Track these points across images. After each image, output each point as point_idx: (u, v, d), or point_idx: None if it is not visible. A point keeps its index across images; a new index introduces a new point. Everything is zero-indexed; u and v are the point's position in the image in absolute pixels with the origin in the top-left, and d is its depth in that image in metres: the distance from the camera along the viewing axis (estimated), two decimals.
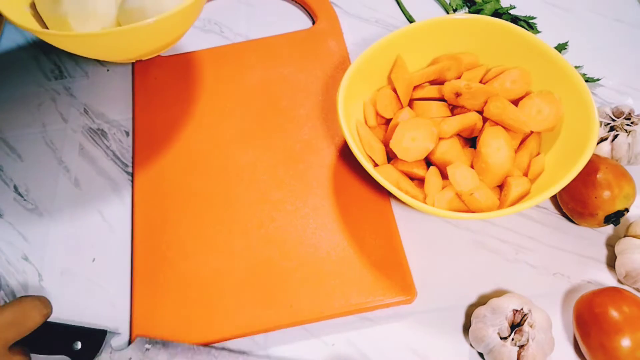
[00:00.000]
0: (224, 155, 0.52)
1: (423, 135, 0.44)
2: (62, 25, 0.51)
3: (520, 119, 0.45)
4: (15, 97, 0.60)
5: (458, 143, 0.46)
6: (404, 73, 0.49)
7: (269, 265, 0.46)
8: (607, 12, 0.62)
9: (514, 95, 0.47)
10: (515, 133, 0.46)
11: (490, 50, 0.50)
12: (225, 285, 0.45)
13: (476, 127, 0.46)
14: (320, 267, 0.46)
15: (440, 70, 0.50)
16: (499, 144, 0.44)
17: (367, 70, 0.48)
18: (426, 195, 0.44)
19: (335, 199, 0.49)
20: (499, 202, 0.44)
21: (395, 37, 0.49)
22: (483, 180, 0.44)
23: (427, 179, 0.44)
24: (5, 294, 0.48)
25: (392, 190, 0.41)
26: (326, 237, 0.47)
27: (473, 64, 0.51)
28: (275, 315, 0.44)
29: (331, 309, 0.43)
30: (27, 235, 0.50)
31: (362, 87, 0.49)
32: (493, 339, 0.40)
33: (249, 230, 0.48)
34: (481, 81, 0.49)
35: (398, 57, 0.50)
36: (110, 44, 0.50)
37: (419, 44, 0.50)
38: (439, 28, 0.50)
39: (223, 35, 0.63)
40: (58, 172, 0.54)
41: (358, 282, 0.45)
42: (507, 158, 0.44)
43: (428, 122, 0.45)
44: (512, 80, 0.47)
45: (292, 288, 0.45)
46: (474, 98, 0.46)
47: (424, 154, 0.45)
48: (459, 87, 0.46)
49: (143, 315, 0.44)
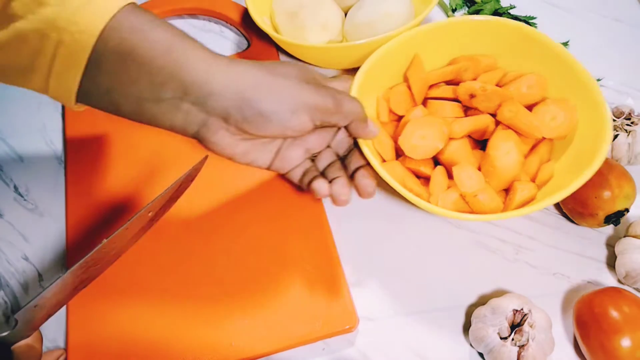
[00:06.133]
0: (163, 188, 0.50)
1: (433, 134, 0.44)
2: (298, 35, 0.55)
3: (533, 124, 0.44)
4: (16, 97, 0.60)
5: (468, 144, 0.46)
6: (421, 71, 0.49)
7: (207, 303, 0.44)
8: (607, 12, 0.62)
9: (529, 100, 0.47)
10: (526, 138, 0.45)
11: (509, 54, 0.49)
12: (161, 327, 0.44)
13: (488, 129, 0.46)
14: (260, 301, 0.44)
15: (457, 70, 0.49)
16: (508, 148, 0.43)
17: (382, 66, 0.48)
18: (430, 194, 0.44)
19: (273, 227, 0.48)
20: (504, 206, 0.44)
21: (413, 35, 0.49)
22: (489, 182, 0.44)
23: (433, 178, 0.44)
24: (5, 294, 0.48)
25: (396, 187, 0.41)
26: (265, 270, 0.46)
27: (491, 67, 0.50)
28: (216, 355, 0.42)
29: (273, 344, 0.42)
30: (27, 236, 0.50)
31: (377, 83, 0.49)
32: (493, 339, 0.40)
33: (185, 266, 0.46)
34: (497, 84, 0.49)
35: (416, 55, 0.50)
36: (338, 55, 0.55)
37: (438, 43, 0.50)
38: (459, 29, 0.50)
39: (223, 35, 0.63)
40: (58, 172, 0.54)
41: (299, 315, 0.43)
42: (515, 162, 0.43)
43: (439, 121, 0.45)
44: (529, 85, 0.46)
45: (232, 325, 0.43)
46: (488, 100, 0.46)
47: (432, 153, 0.45)
48: (474, 88, 0.46)
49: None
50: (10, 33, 0.32)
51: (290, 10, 0.56)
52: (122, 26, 0.34)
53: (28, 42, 0.33)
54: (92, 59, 0.33)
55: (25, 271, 0.49)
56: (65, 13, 0.32)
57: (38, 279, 0.48)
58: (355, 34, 0.55)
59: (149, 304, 0.45)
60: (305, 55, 0.56)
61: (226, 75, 0.35)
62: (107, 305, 0.45)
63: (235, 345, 0.43)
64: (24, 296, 0.47)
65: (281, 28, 0.57)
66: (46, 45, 0.33)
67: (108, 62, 0.34)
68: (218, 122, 0.37)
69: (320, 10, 0.55)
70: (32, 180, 0.54)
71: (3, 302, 0.47)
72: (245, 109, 0.36)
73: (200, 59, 0.35)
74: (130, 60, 0.34)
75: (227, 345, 0.43)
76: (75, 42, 0.33)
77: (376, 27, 0.54)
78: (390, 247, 0.48)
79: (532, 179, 0.45)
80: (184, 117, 0.36)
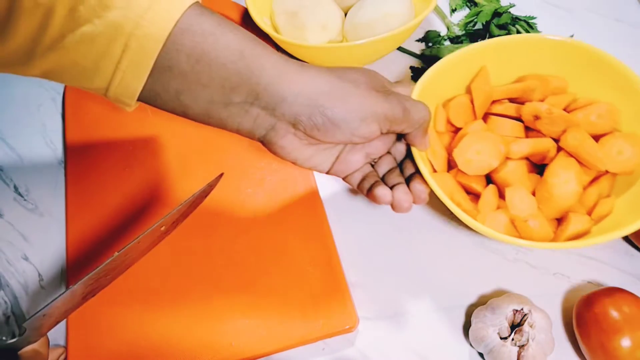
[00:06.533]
0: (162, 188, 0.51)
1: (489, 151, 0.42)
2: (298, 35, 0.55)
3: (598, 155, 0.42)
4: (16, 97, 0.60)
5: (525, 166, 0.44)
6: (486, 85, 0.47)
7: (207, 304, 0.45)
8: (607, 12, 0.62)
9: (596, 130, 0.44)
10: (588, 169, 0.43)
11: (581, 78, 0.47)
12: (161, 327, 0.44)
13: (548, 154, 0.44)
14: (260, 301, 0.44)
15: (524, 89, 0.47)
16: (568, 177, 0.41)
17: (446, 74, 0.46)
18: (479, 211, 0.42)
19: (272, 230, 0.48)
20: (554, 235, 0.42)
21: (482, 47, 0.47)
22: (542, 209, 0.42)
23: (483, 196, 0.42)
24: (5, 294, 0.48)
25: (444, 200, 0.39)
26: (265, 271, 0.46)
27: (560, 89, 0.47)
28: (216, 355, 0.42)
29: (273, 344, 0.42)
30: (28, 236, 0.50)
31: (438, 91, 0.47)
32: (493, 339, 0.40)
33: (185, 267, 0.46)
34: (565, 109, 0.46)
35: (483, 68, 0.47)
36: (338, 55, 0.54)
37: (506, 58, 0.48)
38: (530, 46, 0.47)
39: None
40: (58, 172, 0.54)
41: (299, 315, 0.43)
42: (573, 192, 0.41)
43: (497, 138, 0.43)
44: (599, 115, 0.44)
45: (232, 325, 0.43)
46: (552, 124, 0.44)
47: (486, 170, 0.43)
48: (540, 110, 0.43)
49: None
50: (77, 37, 0.32)
51: (290, 11, 0.56)
52: (192, 29, 0.33)
53: (94, 45, 0.33)
54: (162, 61, 0.33)
55: (25, 271, 0.49)
56: (131, 15, 0.32)
57: (38, 279, 0.48)
58: (355, 34, 0.55)
59: (149, 303, 0.45)
60: (305, 55, 0.56)
61: (297, 82, 0.35)
62: (107, 305, 0.45)
63: (235, 345, 0.43)
64: (24, 296, 0.47)
65: (281, 28, 0.57)
66: (112, 48, 0.32)
67: (179, 66, 0.34)
68: (286, 127, 0.36)
69: (320, 11, 0.56)
70: (32, 180, 0.54)
71: (3, 302, 0.47)
72: (316, 116, 0.36)
73: (272, 65, 0.35)
74: (201, 64, 0.34)
75: (227, 345, 0.43)
76: (141, 47, 0.33)
77: (376, 27, 0.54)
78: (390, 247, 0.48)
79: (588, 212, 0.43)
80: (253, 121, 0.36)
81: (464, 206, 0.42)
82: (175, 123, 0.53)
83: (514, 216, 0.41)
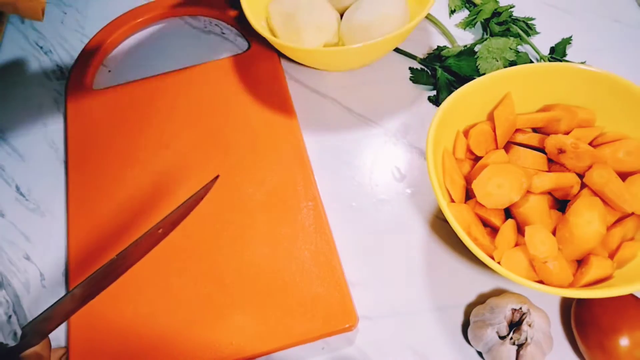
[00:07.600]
0: (163, 188, 0.51)
1: (511, 184, 0.41)
2: (294, 36, 0.55)
3: (624, 196, 0.40)
4: (17, 97, 0.60)
5: (546, 202, 0.42)
6: (510, 112, 0.45)
7: (207, 302, 0.45)
8: (606, 12, 0.62)
9: (624, 168, 0.42)
10: (613, 209, 0.41)
11: (610, 111, 0.44)
12: (161, 326, 0.44)
13: (572, 190, 0.42)
14: (260, 300, 0.45)
15: (550, 119, 0.45)
16: (591, 217, 0.39)
17: (469, 99, 0.45)
18: (496, 247, 0.41)
19: (272, 229, 0.48)
20: (573, 278, 0.40)
21: (507, 73, 0.45)
22: (562, 250, 0.40)
23: (502, 232, 0.41)
24: (7, 293, 0.48)
25: (461, 235, 0.38)
26: (265, 270, 0.46)
27: (588, 122, 0.45)
28: (216, 354, 0.42)
29: (273, 343, 0.43)
30: (29, 235, 0.51)
31: (460, 116, 0.45)
32: (492, 338, 0.40)
33: (186, 266, 0.47)
34: (591, 143, 0.44)
35: (507, 94, 0.46)
36: (334, 58, 0.55)
37: (532, 85, 0.46)
38: (558, 74, 0.45)
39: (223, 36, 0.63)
40: (60, 172, 0.54)
41: (299, 314, 0.44)
42: (596, 234, 0.39)
43: (519, 171, 0.41)
44: (627, 151, 0.42)
45: (232, 324, 0.44)
46: (577, 159, 0.42)
47: (506, 204, 0.41)
48: (565, 143, 0.42)
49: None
50: None
51: (286, 12, 0.56)
52: None
53: None
54: None
55: (27, 271, 0.49)
56: None
57: (40, 279, 0.48)
58: (351, 36, 0.55)
59: (149, 303, 0.45)
60: (302, 58, 0.56)
61: None
62: (108, 304, 0.45)
63: (235, 344, 0.43)
64: (26, 295, 0.48)
65: (277, 30, 0.57)
66: None
67: None
68: None
69: (315, 12, 0.55)
70: (34, 180, 0.54)
71: (5, 301, 0.47)
72: None
73: None
74: None
75: (227, 345, 0.43)
76: None
77: (372, 29, 0.54)
78: (390, 246, 0.48)
79: (610, 255, 0.41)
80: None
81: (480, 241, 0.41)
82: (176, 123, 0.55)
83: (533, 256, 0.40)
